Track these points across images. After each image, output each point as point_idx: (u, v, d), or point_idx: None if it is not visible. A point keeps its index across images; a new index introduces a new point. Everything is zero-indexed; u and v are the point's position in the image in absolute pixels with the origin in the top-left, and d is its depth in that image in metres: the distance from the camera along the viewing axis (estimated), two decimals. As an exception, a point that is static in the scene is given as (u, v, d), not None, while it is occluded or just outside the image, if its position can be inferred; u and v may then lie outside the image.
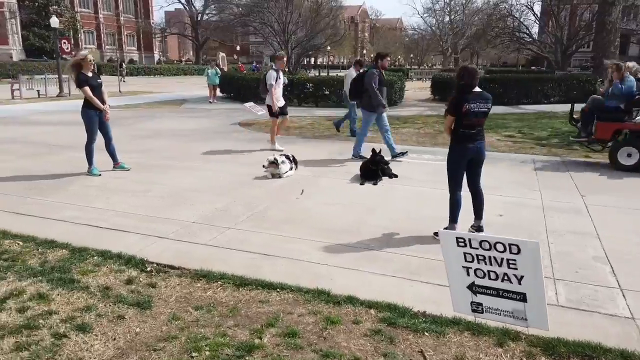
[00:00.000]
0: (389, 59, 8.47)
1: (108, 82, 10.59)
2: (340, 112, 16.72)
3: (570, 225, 5.34)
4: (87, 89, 7.10)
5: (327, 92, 19.22)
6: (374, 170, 7.21)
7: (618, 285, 3.94)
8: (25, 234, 4.93)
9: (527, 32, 41.35)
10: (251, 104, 14.40)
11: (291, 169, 7.53)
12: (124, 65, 39.16)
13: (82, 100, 7.32)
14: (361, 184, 7.05)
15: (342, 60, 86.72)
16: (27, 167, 8.02)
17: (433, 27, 73.11)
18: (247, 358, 2.96)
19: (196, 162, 8.47)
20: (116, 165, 7.76)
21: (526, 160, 9.00)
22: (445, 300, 3.60)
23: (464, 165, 4.82)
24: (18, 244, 4.69)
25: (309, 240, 4.88)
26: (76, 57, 7.23)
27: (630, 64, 8.98)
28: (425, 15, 74.26)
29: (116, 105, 17.44)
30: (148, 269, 4.22)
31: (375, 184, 7.05)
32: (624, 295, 3.76)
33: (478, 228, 5.02)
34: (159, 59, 76.95)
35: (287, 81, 10.44)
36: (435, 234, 4.97)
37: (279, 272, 4.14)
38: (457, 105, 4.61)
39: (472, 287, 2.79)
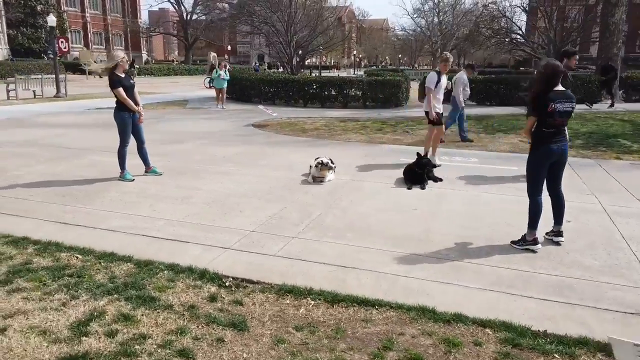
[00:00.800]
0: (577, 57, 7.25)
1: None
2: (347, 113, 16.64)
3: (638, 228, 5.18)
4: (120, 90, 6.77)
5: (333, 93, 18.99)
6: (420, 174, 7.00)
7: None
8: (79, 245, 4.61)
9: (520, 32, 41.67)
10: (263, 106, 14.18)
11: (332, 173, 7.28)
12: (135, 66, 38.31)
13: (115, 102, 6.99)
14: (408, 188, 6.83)
15: (332, 62, 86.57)
16: (52, 171, 7.64)
17: (422, 28, 73.28)
18: (379, 386, 2.72)
19: (227, 166, 8.16)
20: (148, 169, 7.43)
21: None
22: (559, 316, 3.42)
23: (547, 168, 4.62)
24: (77, 257, 4.37)
25: (381, 250, 4.64)
26: (112, 58, 6.89)
27: None
28: (414, 15, 74.22)
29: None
30: (227, 284, 3.95)
31: (423, 188, 6.84)
32: None
33: (558, 233, 4.84)
34: (147, 59, 75.97)
35: (450, 86, 9.27)
36: (513, 242, 4.78)
37: (367, 286, 3.90)
38: (542, 105, 4.40)
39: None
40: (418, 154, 7.16)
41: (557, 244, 4.78)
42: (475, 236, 5.00)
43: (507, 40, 42.78)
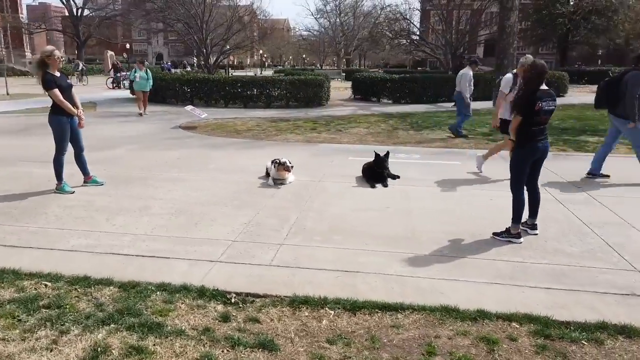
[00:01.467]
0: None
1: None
2: (273, 113, 16.38)
3: (598, 216, 5.60)
4: (56, 91, 6.03)
5: (256, 93, 18.62)
6: (380, 172, 7.03)
7: (695, 271, 4.19)
8: (42, 271, 4.01)
9: (419, 34, 43.87)
10: (191, 107, 13.52)
11: (292, 175, 7.08)
12: (81, 65, 34.34)
13: (50, 105, 6.20)
14: (372, 187, 6.83)
15: (236, 61, 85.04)
16: (-32, 187, 6.63)
17: (326, 29, 74.53)
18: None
19: (174, 172, 7.62)
20: (88, 179, 6.71)
21: (494, 155, 9.39)
22: (570, 304, 3.57)
23: (530, 164, 4.82)
24: (45, 284, 3.79)
25: (376, 251, 4.57)
26: (40, 53, 6.09)
27: None
28: (317, 16, 75.29)
29: (24, 110, 15.26)
30: (232, 300, 3.64)
31: (385, 186, 6.88)
32: None
33: (532, 226, 5.08)
34: (30, 59, 69.26)
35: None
36: (495, 234, 4.94)
37: (380, 290, 3.81)
38: (530, 104, 4.56)
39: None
40: (376, 153, 7.17)
41: (534, 234, 5.02)
42: (458, 232, 5.10)
43: (407, 41, 44.73)
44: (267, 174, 7.19)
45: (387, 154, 7.11)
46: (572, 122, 14.08)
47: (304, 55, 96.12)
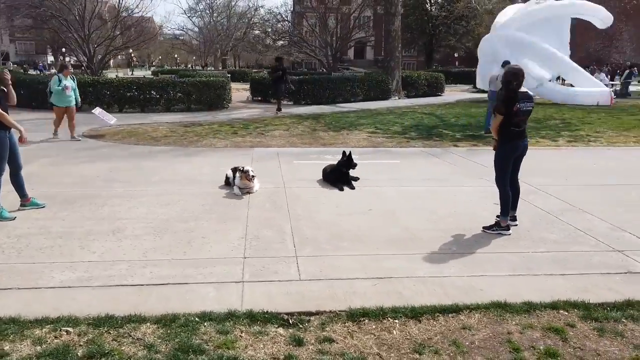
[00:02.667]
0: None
1: None
2: (179, 117, 15.43)
3: (551, 205, 6.26)
4: (-7, 101, 5.10)
5: (156, 96, 17.47)
6: (346, 174, 7.08)
7: None
8: (47, 315, 3.40)
9: (301, 36, 44.65)
10: (99, 110, 12.25)
11: (257, 182, 6.81)
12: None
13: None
14: (340, 190, 6.85)
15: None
16: None
17: (200, 28, 72.36)
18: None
19: (119, 188, 6.87)
20: (26, 201, 5.78)
21: (418, 153, 10.01)
22: (591, 286, 3.98)
23: (512, 160, 5.22)
24: (66, 331, 3.22)
25: (393, 255, 4.62)
26: None
27: None
28: (190, 15, 72.54)
29: None
30: (290, 321, 3.44)
31: (353, 188, 6.94)
32: None
33: (513, 217, 5.51)
34: None
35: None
36: (485, 228, 5.28)
37: (425, 293, 3.88)
38: (508, 105, 4.94)
39: None
40: (344, 152, 7.19)
41: (514, 225, 5.46)
42: (449, 228, 5.35)
43: (287, 42, 45.20)
44: (227, 183, 6.85)
45: (350, 155, 7.17)
46: (466, 119, 15.44)
47: (175, 55, 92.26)
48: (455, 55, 59.47)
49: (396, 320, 3.47)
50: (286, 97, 19.28)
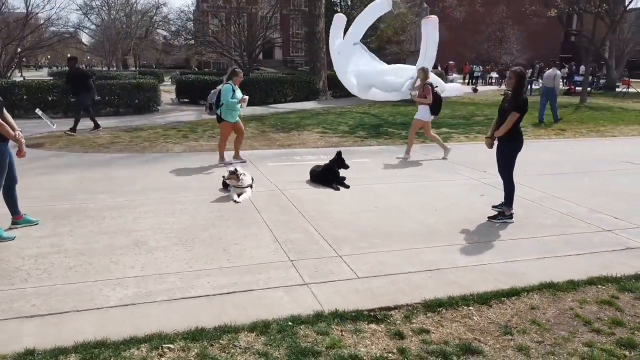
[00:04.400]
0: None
1: None
2: (111, 122, 14.49)
3: (529, 194, 6.93)
4: (-11, 110, 4.59)
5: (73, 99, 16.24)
6: (337, 173, 7.26)
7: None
8: (136, 335, 3.23)
9: (215, 35, 43.70)
10: (40, 111, 11.15)
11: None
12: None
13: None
14: (336, 189, 7.01)
15: None
16: None
17: (97, 26, 68.01)
18: None
19: (105, 199, 6.44)
20: (18, 219, 5.26)
21: (380, 151, 10.46)
22: (608, 262, 4.55)
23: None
24: (168, 348, 3.09)
25: (428, 247, 4.89)
26: None
27: None
28: (85, 11, 67.60)
29: None
30: (378, 317, 3.58)
31: (348, 187, 7.13)
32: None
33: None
34: None
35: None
36: (490, 218, 5.76)
37: (479, 280, 4.19)
38: (526, 105, 5.44)
39: None
40: (339, 152, 7.33)
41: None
42: (457, 220, 5.75)
43: (199, 41, 44.02)
44: (225, 186, 6.76)
45: (341, 155, 7.34)
46: (402, 118, 16.23)
47: (68, 55, 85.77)
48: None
49: (470, 307, 3.74)
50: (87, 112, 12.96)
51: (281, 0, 42.90)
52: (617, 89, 28.41)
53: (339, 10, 50.48)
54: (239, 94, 8.60)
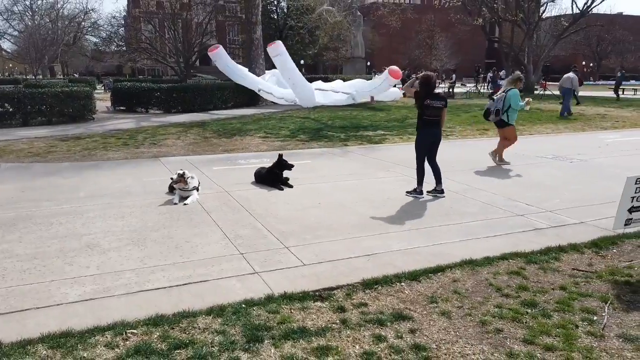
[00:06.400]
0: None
1: None
2: (45, 132, 14.13)
3: (456, 186, 7.64)
4: None
5: (10, 109, 15.69)
6: (279, 174, 7.66)
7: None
8: (99, 324, 3.47)
9: (150, 42, 42.84)
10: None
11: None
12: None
13: None
14: (280, 189, 7.40)
15: None
16: None
17: (19, 32, 64.55)
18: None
19: (50, 206, 6.48)
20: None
21: (321, 153, 10.98)
22: (517, 241, 5.24)
23: (427, 146, 6.56)
24: (133, 332, 3.36)
25: (364, 236, 5.38)
26: None
27: None
28: (6, 17, 63.88)
29: None
30: (323, 296, 4.01)
31: (292, 187, 7.55)
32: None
33: (441, 191, 6.81)
34: None
35: None
36: (408, 192, 6.63)
37: (411, 261, 4.70)
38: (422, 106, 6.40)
39: (630, 209, 4.55)
40: (280, 154, 7.73)
41: (442, 197, 6.76)
42: (392, 211, 6.34)
43: (132, 47, 43.05)
44: (171, 190, 6.98)
45: (282, 157, 7.75)
46: (340, 121, 16.89)
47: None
48: (302, 62, 62.47)
49: (402, 284, 4.26)
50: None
51: (216, 7, 42.78)
52: (535, 92, 30.69)
53: (275, 17, 51.26)
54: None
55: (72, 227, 5.63)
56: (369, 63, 58.96)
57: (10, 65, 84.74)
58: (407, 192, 7.03)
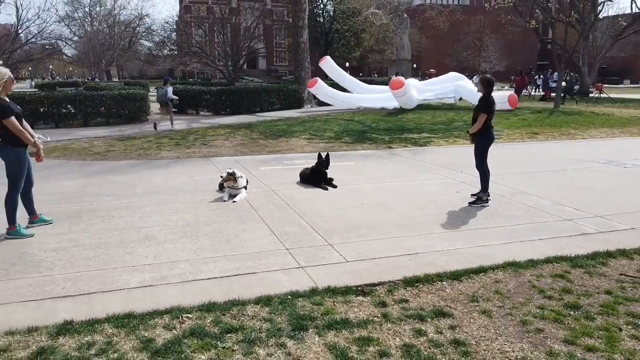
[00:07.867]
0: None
1: None
2: (104, 132, 14.99)
3: (499, 189, 7.59)
4: (13, 119, 5.12)
5: (72, 111, 16.70)
6: (324, 173, 7.85)
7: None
8: (158, 308, 3.76)
9: (200, 46, 44.17)
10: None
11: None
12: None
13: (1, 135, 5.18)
14: (325, 189, 7.59)
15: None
16: None
17: (80, 37, 67.97)
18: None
19: (111, 201, 6.94)
20: (34, 218, 5.75)
21: (365, 155, 11.08)
22: (563, 245, 5.20)
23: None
24: (188, 317, 3.63)
25: (406, 237, 5.48)
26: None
27: None
28: (67, 23, 67.58)
29: None
30: (365, 291, 4.16)
31: (335, 187, 7.73)
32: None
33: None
34: None
35: None
36: (471, 203, 6.50)
37: (453, 262, 4.77)
38: (491, 106, 6.25)
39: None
40: (319, 154, 7.93)
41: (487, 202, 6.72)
42: (436, 213, 6.38)
43: (185, 52, 44.40)
44: (221, 188, 7.29)
45: (328, 156, 7.94)
46: (384, 124, 16.93)
47: (50, 67, 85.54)
48: (347, 65, 62.69)
49: (444, 282, 4.34)
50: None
51: (264, 11, 43.60)
52: (590, 95, 29.55)
53: (321, 20, 51.68)
54: None
55: (131, 220, 6.03)
56: (415, 65, 58.50)
57: (70, 68, 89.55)
58: (470, 203, 6.71)
